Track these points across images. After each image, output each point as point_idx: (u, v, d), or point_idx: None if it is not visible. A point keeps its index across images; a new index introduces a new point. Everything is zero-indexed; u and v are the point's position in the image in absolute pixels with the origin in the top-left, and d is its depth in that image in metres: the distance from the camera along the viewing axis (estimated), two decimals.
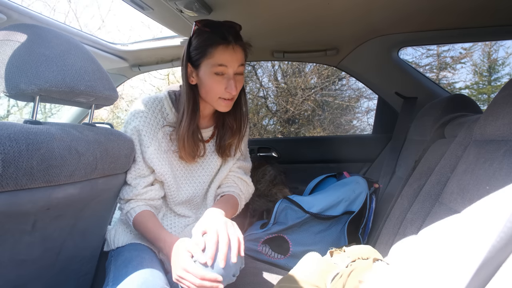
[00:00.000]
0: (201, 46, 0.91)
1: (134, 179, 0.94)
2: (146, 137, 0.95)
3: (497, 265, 0.46)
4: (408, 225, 0.84)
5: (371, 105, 4.16)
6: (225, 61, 0.91)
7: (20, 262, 0.67)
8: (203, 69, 0.92)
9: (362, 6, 1.06)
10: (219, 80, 0.92)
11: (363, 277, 0.75)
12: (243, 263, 0.88)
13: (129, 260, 0.86)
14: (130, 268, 0.81)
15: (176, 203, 1.03)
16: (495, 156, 0.62)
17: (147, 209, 0.94)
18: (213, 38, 0.90)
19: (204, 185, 1.07)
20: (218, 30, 0.91)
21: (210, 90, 0.93)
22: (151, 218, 0.93)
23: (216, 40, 0.90)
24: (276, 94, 4.39)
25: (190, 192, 1.04)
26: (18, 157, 0.57)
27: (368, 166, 1.76)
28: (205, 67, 0.92)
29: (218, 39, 0.90)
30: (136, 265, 0.82)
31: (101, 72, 0.78)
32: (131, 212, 0.93)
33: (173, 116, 0.99)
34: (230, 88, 0.92)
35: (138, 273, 0.78)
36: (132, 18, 9.39)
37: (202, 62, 0.92)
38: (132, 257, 0.87)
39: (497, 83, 3.85)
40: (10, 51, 0.64)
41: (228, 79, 0.92)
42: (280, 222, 1.26)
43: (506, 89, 0.67)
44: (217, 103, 0.96)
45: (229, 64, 0.91)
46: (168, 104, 1.00)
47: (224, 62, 0.91)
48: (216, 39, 0.90)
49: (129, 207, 0.93)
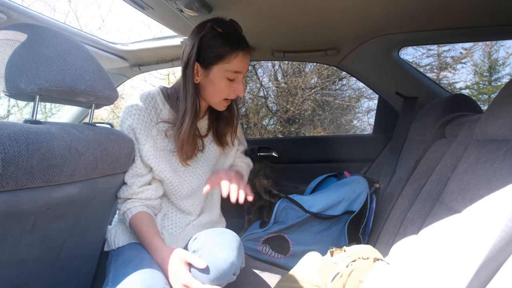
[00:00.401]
0: (218, 49, 0.91)
1: (130, 178, 0.93)
2: (141, 135, 0.94)
3: (498, 265, 0.46)
4: (408, 225, 0.84)
5: (371, 105, 4.16)
6: (240, 68, 0.93)
7: (20, 262, 0.67)
8: (215, 71, 0.92)
9: (363, 6, 1.06)
10: (230, 84, 0.94)
11: (364, 277, 0.75)
12: (243, 263, 0.88)
13: (128, 260, 0.85)
14: (129, 268, 0.81)
15: (181, 197, 1.03)
16: (496, 156, 0.62)
17: (144, 210, 0.93)
18: (233, 44, 0.91)
19: (206, 175, 1.07)
20: (238, 37, 0.93)
21: (218, 92, 0.95)
22: (146, 221, 0.92)
23: (236, 46, 0.91)
24: (276, 94, 4.39)
25: (194, 184, 1.04)
26: (18, 157, 0.57)
27: (368, 166, 1.76)
28: (218, 70, 0.92)
29: (238, 46, 0.92)
30: (135, 265, 0.82)
31: (101, 71, 0.78)
32: (127, 212, 0.93)
33: (167, 112, 0.99)
34: (239, 91, 0.95)
35: (137, 273, 0.78)
36: (132, 18, 9.39)
37: (215, 64, 0.92)
38: (132, 256, 0.87)
39: (497, 83, 3.85)
40: (10, 51, 0.64)
41: (238, 82, 0.95)
42: (280, 222, 1.26)
43: (506, 89, 0.67)
44: (220, 103, 0.97)
45: (243, 70, 0.94)
46: (161, 100, 0.99)
47: (240, 69, 0.93)
48: (236, 45, 0.91)
49: (126, 208, 0.93)
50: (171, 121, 0.98)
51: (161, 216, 1.02)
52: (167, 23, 1.22)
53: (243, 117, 4.34)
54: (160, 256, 0.84)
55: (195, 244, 0.89)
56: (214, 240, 0.86)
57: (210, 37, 0.91)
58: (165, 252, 0.84)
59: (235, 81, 0.94)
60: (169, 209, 1.04)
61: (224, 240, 0.85)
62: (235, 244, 0.85)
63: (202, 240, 0.88)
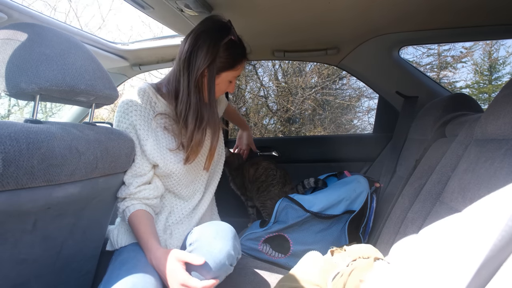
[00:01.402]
0: (232, 58, 0.98)
1: (129, 178, 0.93)
2: (142, 131, 0.94)
3: (498, 264, 0.46)
4: (409, 224, 0.84)
5: (371, 104, 4.16)
6: (241, 71, 1.05)
7: (20, 261, 0.67)
8: (223, 76, 1.00)
9: (363, 5, 1.06)
10: (228, 85, 1.04)
11: (364, 276, 0.75)
12: (239, 253, 0.88)
13: (124, 262, 0.85)
14: (123, 270, 0.80)
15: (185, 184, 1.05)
16: (496, 155, 0.62)
17: (142, 209, 0.93)
18: (242, 53, 1.01)
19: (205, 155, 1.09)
20: (243, 45, 1.01)
21: (218, 93, 1.03)
22: (144, 220, 0.91)
23: (243, 55, 1.01)
24: (276, 93, 4.39)
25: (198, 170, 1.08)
26: (19, 156, 0.57)
27: (369, 165, 1.76)
28: (226, 76, 1.00)
29: (244, 54, 1.01)
30: (129, 268, 0.81)
31: (101, 71, 0.78)
32: (126, 211, 0.92)
33: (161, 105, 1.00)
34: (231, 89, 1.06)
35: (129, 277, 0.77)
36: (133, 18, 9.39)
37: (225, 71, 0.99)
38: (128, 258, 0.86)
39: (498, 82, 3.85)
40: (10, 50, 0.64)
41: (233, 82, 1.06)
42: (280, 221, 1.26)
43: (507, 88, 0.67)
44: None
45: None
46: (153, 93, 0.99)
47: (240, 73, 1.05)
48: (243, 54, 1.01)
49: (124, 206, 0.93)
50: (167, 113, 1.00)
51: (166, 215, 1.02)
52: (167, 23, 1.21)
53: (243, 116, 4.34)
54: (155, 257, 0.84)
55: (191, 238, 0.89)
56: (209, 231, 0.86)
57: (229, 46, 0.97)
58: (160, 253, 0.84)
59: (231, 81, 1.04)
60: (174, 205, 1.05)
61: (219, 231, 0.85)
62: (230, 234, 0.85)
63: (197, 233, 0.87)
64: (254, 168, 1.50)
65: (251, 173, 1.49)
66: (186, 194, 1.05)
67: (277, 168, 1.49)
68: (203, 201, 1.11)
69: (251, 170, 1.50)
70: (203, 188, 1.11)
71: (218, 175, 1.18)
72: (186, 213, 1.05)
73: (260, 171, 1.48)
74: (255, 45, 1.48)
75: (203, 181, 1.11)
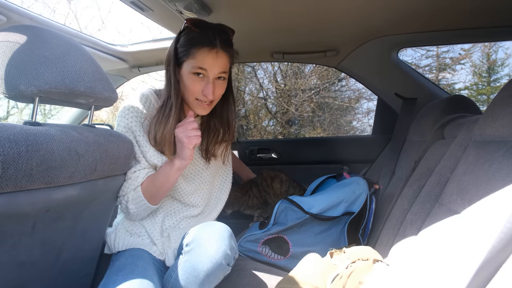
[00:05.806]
0: (186, 45, 0.92)
1: (133, 173, 0.94)
2: (141, 137, 0.95)
3: (497, 266, 0.46)
4: (408, 226, 0.84)
5: (371, 106, 4.17)
6: (206, 64, 0.91)
7: (19, 264, 0.67)
8: (184, 68, 0.93)
9: (362, 7, 1.06)
10: (197, 81, 0.92)
11: (363, 278, 0.75)
12: (236, 253, 0.88)
13: (121, 267, 0.85)
14: (120, 276, 0.80)
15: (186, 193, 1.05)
16: (495, 157, 0.62)
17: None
18: (199, 39, 0.90)
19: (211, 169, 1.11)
20: (206, 32, 0.91)
21: (187, 90, 0.94)
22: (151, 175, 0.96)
23: (201, 42, 0.90)
24: (276, 95, 4.40)
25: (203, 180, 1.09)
26: (18, 159, 0.57)
27: (368, 167, 1.76)
28: (186, 66, 0.93)
29: (203, 41, 0.90)
30: (126, 274, 0.81)
31: (100, 73, 0.78)
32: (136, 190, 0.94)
33: None
34: (206, 91, 0.92)
35: (126, 283, 0.77)
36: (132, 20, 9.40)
37: (185, 61, 0.93)
38: (126, 264, 0.86)
39: (496, 84, 3.86)
40: (9, 52, 0.64)
41: (206, 82, 0.92)
42: (280, 223, 1.26)
43: (505, 90, 0.67)
44: (194, 104, 0.96)
45: (209, 68, 0.91)
46: (155, 100, 1.00)
47: (204, 66, 0.91)
48: (201, 40, 0.90)
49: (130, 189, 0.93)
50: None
51: (162, 217, 1.02)
52: (166, 25, 1.22)
53: (243, 118, 4.34)
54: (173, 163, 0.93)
55: (187, 238, 0.88)
56: (205, 232, 0.86)
57: (184, 33, 0.93)
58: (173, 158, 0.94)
59: (204, 79, 0.92)
60: (172, 207, 1.05)
61: (215, 231, 0.85)
62: (226, 234, 0.85)
63: (193, 233, 0.87)
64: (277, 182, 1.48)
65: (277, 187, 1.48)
66: (187, 201, 1.06)
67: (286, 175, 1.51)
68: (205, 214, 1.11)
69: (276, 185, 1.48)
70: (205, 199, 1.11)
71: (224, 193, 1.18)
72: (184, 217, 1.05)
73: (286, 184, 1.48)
74: (254, 47, 1.49)
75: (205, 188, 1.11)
